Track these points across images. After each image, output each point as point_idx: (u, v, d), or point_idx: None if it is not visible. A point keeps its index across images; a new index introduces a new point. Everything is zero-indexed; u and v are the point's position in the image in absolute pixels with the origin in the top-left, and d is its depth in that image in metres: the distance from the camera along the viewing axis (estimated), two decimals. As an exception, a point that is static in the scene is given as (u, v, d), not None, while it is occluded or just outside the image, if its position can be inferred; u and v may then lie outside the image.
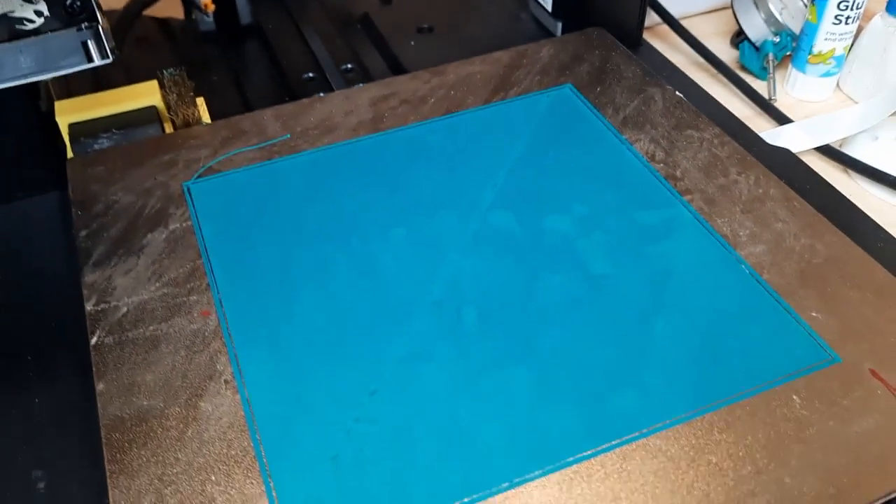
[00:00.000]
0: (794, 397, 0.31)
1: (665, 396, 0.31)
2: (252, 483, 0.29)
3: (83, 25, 0.30)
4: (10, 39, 0.28)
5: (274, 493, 0.29)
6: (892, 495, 0.28)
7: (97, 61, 0.31)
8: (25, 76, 0.30)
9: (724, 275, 0.36)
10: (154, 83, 0.47)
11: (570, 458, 0.29)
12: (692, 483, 0.28)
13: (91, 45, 0.30)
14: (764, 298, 0.35)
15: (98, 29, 0.30)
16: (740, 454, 0.29)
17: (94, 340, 0.34)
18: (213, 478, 0.29)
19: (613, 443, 0.30)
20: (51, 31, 0.31)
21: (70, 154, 0.45)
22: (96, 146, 0.45)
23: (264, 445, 0.30)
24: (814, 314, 0.34)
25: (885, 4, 0.63)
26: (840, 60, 0.66)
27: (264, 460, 0.30)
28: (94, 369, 0.33)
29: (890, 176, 0.57)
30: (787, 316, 0.34)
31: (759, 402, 0.31)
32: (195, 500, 0.29)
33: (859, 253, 0.36)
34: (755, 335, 0.33)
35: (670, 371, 0.32)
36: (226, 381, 0.32)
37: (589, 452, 0.29)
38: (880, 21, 0.64)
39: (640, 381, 0.32)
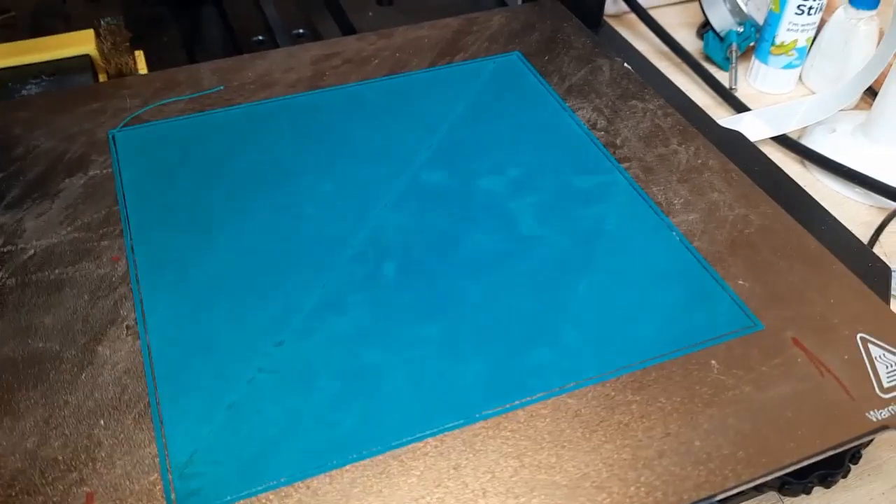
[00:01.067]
0: (713, 362, 0.30)
1: (582, 356, 0.30)
2: (142, 429, 0.28)
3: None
4: None
5: (164, 440, 0.27)
6: (803, 462, 0.27)
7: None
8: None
9: (654, 240, 0.35)
10: (90, 32, 0.46)
11: (477, 414, 0.28)
12: (600, 444, 0.27)
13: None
14: (691, 265, 0.34)
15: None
16: (652, 416, 0.28)
17: (-5, 281, 0.33)
18: (103, 422, 0.28)
19: (525, 399, 0.29)
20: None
21: (-3, 100, 0.44)
22: (24, 92, 0.43)
23: (160, 392, 0.29)
24: (740, 282, 0.33)
25: (847, -4, 0.63)
26: (802, 52, 0.66)
27: (158, 406, 0.28)
28: (-9, 311, 0.32)
29: (843, 167, 0.56)
30: (713, 282, 0.33)
31: (677, 365, 0.30)
32: (80, 444, 0.27)
33: (792, 223, 0.36)
34: (679, 300, 0.32)
35: (589, 331, 0.31)
36: (128, 327, 0.31)
37: (497, 409, 0.28)
38: (843, 14, 0.64)
39: (558, 339, 0.31)
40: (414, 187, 0.37)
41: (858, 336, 0.31)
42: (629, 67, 0.45)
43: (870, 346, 0.31)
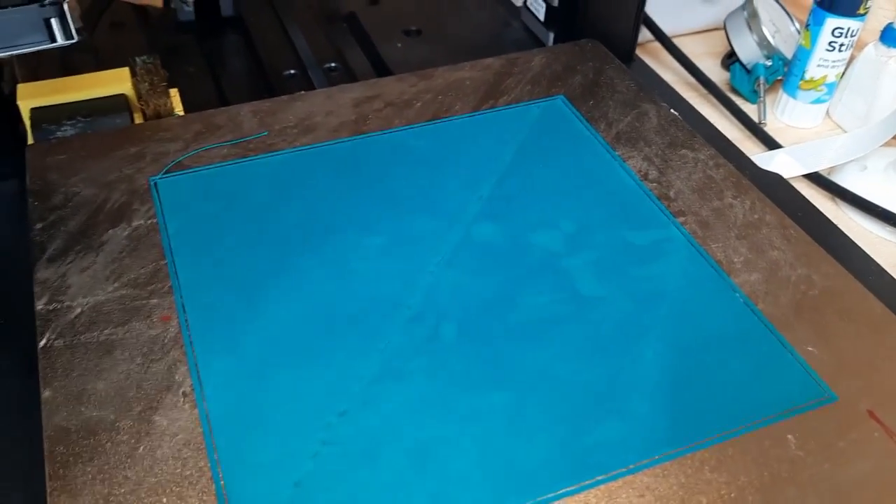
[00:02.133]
0: (789, 436, 0.29)
1: (652, 429, 0.29)
2: (206, 508, 0.27)
3: (46, 2, 0.28)
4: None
5: (230, 520, 0.26)
6: (889, 546, 0.27)
7: (60, 41, 0.28)
8: (-20, 52, 0.27)
9: (718, 302, 0.34)
10: (125, 70, 0.45)
11: (551, 494, 0.27)
12: (681, 525, 0.27)
13: (55, 23, 0.28)
14: (758, 329, 0.33)
15: (63, 7, 0.28)
16: (732, 496, 0.27)
17: (42, 342, 0.32)
18: (165, 500, 0.27)
19: (598, 478, 0.28)
20: (12, 5, 0.29)
21: (30, 140, 0.43)
22: (59, 133, 0.42)
23: (222, 466, 0.28)
24: (810, 348, 0.32)
25: (878, 34, 0.63)
26: (831, 88, 0.65)
27: (221, 483, 0.27)
28: (40, 374, 0.31)
29: (877, 207, 0.56)
30: (783, 349, 0.32)
31: (752, 440, 0.29)
32: (143, 524, 0.26)
33: (856, 285, 0.35)
34: (749, 368, 0.31)
35: (658, 402, 0.30)
36: (184, 394, 0.30)
37: (572, 488, 0.27)
38: (873, 50, 0.64)
39: (626, 411, 0.30)
40: (466, 242, 0.36)
41: (933, 409, 0.30)
42: (676, 114, 0.45)
43: (946, 419, 0.30)
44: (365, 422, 0.29)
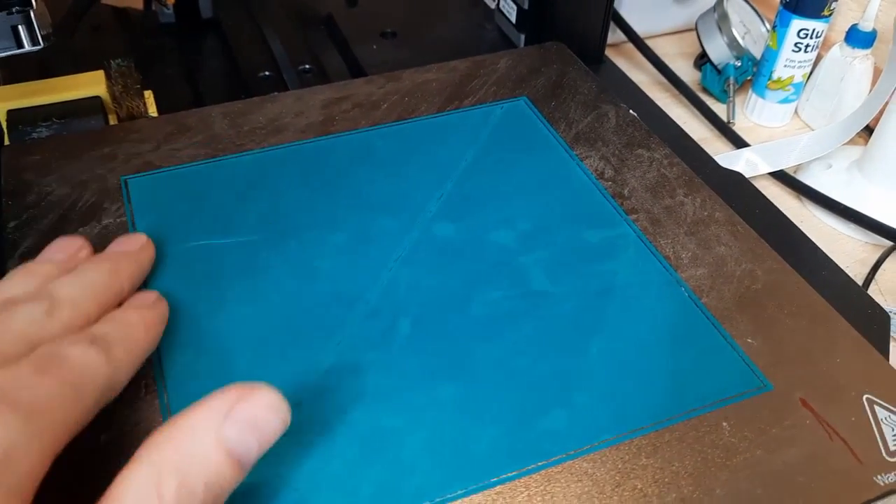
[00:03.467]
0: (724, 424, 0.31)
1: (595, 418, 0.31)
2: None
3: (14, 9, 0.29)
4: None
5: None
6: (814, 527, 0.28)
7: (27, 47, 0.29)
8: (-54, 59, 0.29)
9: (664, 297, 0.35)
10: (100, 73, 0.46)
11: (494, 479, 0.29)
12: (616, 508, 0.28)
13: (21, 30, 0.29)
14: (701, 322, 0.34)
15: (30, 13, 0.29)
16: (666, 480, 0.29)
17: (12, 337, 0.33)
18: (124, 486, 0.28)
19: (540, 464, 0.29)
20: (-19, 13, 0.30)
21: (6, 141, 0.44)
22: (34, 135, 0.43)
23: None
24: (749, 340, 0.34)
25: (843, 35, 0.64)
26: (799, 88, 0.67)
27: (179, 469, 0.29)
28: (9, 367, 0.32)
29: (840, 204, 0.58)
30: (723, 341, 0.34)
31: (689, 427, 0.30)
32: None
33: (798, 280, 0.36)
34: (689, 359, 0.33)
35: (602, 392, 0.31)
36: (146, 385, 0.31)
37: (514, 473, 0.29)
38: (839, 51, 0.65)
39: (571, 401, 0.31)
40: (425, 241, 0.38)
41: (865, 397, 0.32)
42: (635, 115, 0.46)
43: (876, 407, 0.31)
44: (319, 413, 0.31)
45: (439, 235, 0.38)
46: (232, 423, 0.24)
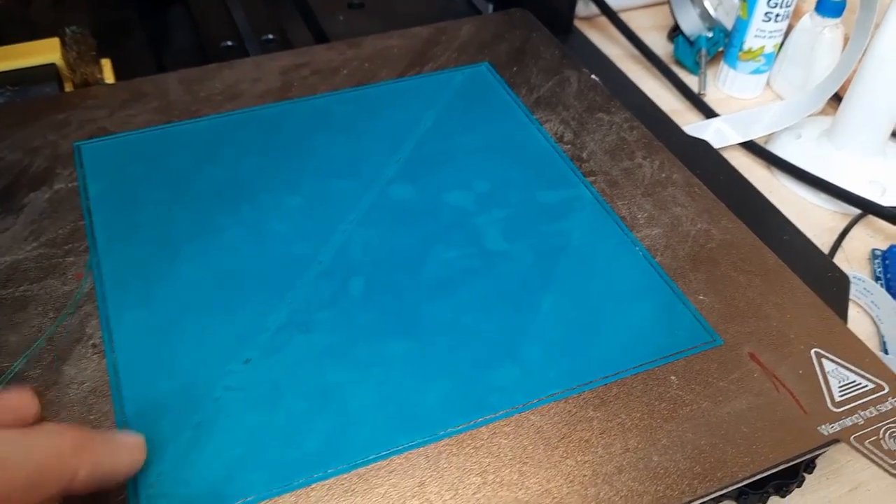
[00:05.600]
0: (672, 378, 0.31)
1: (544, 372, 0.31)
2: (108, 450, 0.28)
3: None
4: None
5: (130, 460, 0.27)
6: (757, 476, 0.28)
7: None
8: None
9: (618, 255, 0.35)
10: (55, 40, 0.45)
11: (441, 432, 0.29)
12: (561, 460, 0.28)
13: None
14: (653, 280, 0.34)
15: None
16: (613, 431, 0.29)
17: (-42, 300, 0.33)
18: (68, 443, 0.28)
19: (488, 417, 0.29)
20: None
21: (-40, 109, 0.43)
22: (-12, 102, 0.43)
23: (126, 411, 0.29)
24: (701, 297, 0.34)
25: (814, 4, 0.64)
26: (770, 58, 0.67)
27: (125, 425, 0.28)
28: (-46, 330, 0.32)
29: (808, 174, 0.58)
30: (674, 297, 0.34)
31: (638, 381, 0.31)
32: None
33: (753, 239, 0.36)
34: (641, 315, 0.33)
35: (552, 348, 0.31)
36: (94, 345, 0.31)
37: (461, 426, 0.29)
38: (809, 21, 0.65)
39: (521, 356, 0.31)
40: (381, 203, 0.38)
41: (813, 351, 0.32)
42: (597, 79, 0.46)
43: (823, 361, 0.31)
44: (267, 369, 0.30)
45: (396, 197, 0.38)
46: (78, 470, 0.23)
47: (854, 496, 0.35)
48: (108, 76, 0.46)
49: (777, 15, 0.63)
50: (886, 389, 0.31)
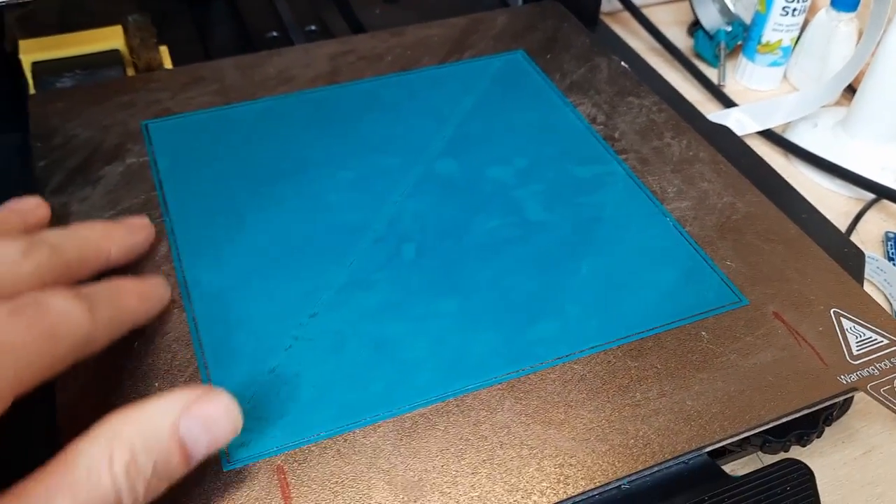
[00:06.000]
0: (703, 333, 0.33)
1: (585, 328, 0.33)
2: (193, 390, 0.31)
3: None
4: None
5: (213, 400, 0.30)
6: (783, 419, 0.31)
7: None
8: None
9: (650, 225, 0.38)
10: (118, 28, 0.49)
11: (493, 378, 0.31)
12: (603, 403, 0.31)
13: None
14: (684, 247, 0.37)
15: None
16: (648, 379, 0.32)
17: (47, 261, 0.36)
18: (157, 384, 0.31)
19: (535, 365, 0.32)
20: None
21: (32, 91, 0.46)
22: (58, 84, 0.46)
23: (207, 357, 0.32)
24: (728, 262, 0.36)
25: (829, -1, 0.66)
26: (787, 51, 0.69)
27: (206, 370, 0.31)
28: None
29: (824, 160, 0.60)
30: (703, 263, 0.36)
31: (671, 336, 0.33)
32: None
33: (774, 211, 0.39)
34: (673, 278, 0.36)
35: (591, 306, 0.34)
36: (173, 301, 0.34)
37: (511, 373, 0.32)
38: (825, 15, 0.67)
39: (563, 313, 0.34)
40: (428, 176, 0.40)
41: (832, 311, 0.35)
42: (626, 66, 0.49)
43: (842, 319, 0.34)
44: (332, 322, 0.33)
45: (441, 172, 0.41)
46: (188, 417, 0.25)
47: (868, 458, 0.38)
48: (167, 62, 0.49)
49: (794, 9, 0.66)
50: (900, 345, 0.33)
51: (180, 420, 0.25)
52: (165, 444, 0.24)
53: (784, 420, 0.31)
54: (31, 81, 0.46)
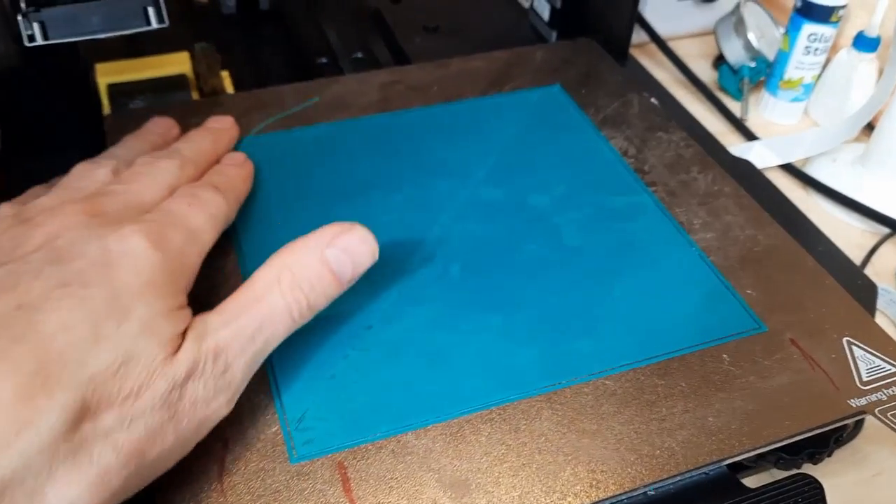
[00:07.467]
0: (724, 356, 0.36)
1: (616, 346, 0.37)
2: (264, 395, 0.34)
3: (146, -8, 0.35)
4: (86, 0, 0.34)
5: (281, 403, 0.34)
6: (797, 437, 0.34)
7: (154, 25, 0.36)
8: (94, 33, 0.35)
9: (677, 254, 0.41)
10: (186, 54, 0.53)
11: (532, 390, 0.35)
12: (633, 416, 0.34)
13: (150, 10, 0.36)
14: (708, 275, 0.40)
15: (158, -3, 0.35)
16: (674, 396, 0.35)
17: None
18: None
19: (571, 380, 0.35)
20: (121, -2, 0.36)
21: (106, 111, 0.50)
22: (131, 105, 0.50)
23: (274, 366, 0.35)
24: (749, 291, 0.40)
25: (851, 40, 0.70)
26: (808, 88, 0.72)
27: (274, 378, 0.35)
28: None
29: (842, 195, 0.63)
30: (726, 291, 0.40)
31: (695, 357, 0.36)
32: (213, 401, 0.34)
33: (793, 244, 0.42)
34: (697, 304, 0.39)
35: (622, 326, 0.38)
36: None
37: (548, 386, 0.35)
38: (846, 55, 0.70)
39: (596, 332, 0.37)
40: (473, 201, 0.44)
41: (845, 339, 0.38)
42: (655, 102, 0.52)
43: (854, 348, 0.37)
44: (387, 333, 0.37)
45: (485, 198, 0.44)
46: (331, 246, 0.33)
47: (876, 480, 0.40)
48: (230, 87, 0.53)
49: (816, 49, 0.69)
50: (907, 373, 0.36)
51: (327, 250, 0.33)
52: (316, 268, 0.33)
53: (797, 438, 0.34)
54: (105, 102, 0.50)
